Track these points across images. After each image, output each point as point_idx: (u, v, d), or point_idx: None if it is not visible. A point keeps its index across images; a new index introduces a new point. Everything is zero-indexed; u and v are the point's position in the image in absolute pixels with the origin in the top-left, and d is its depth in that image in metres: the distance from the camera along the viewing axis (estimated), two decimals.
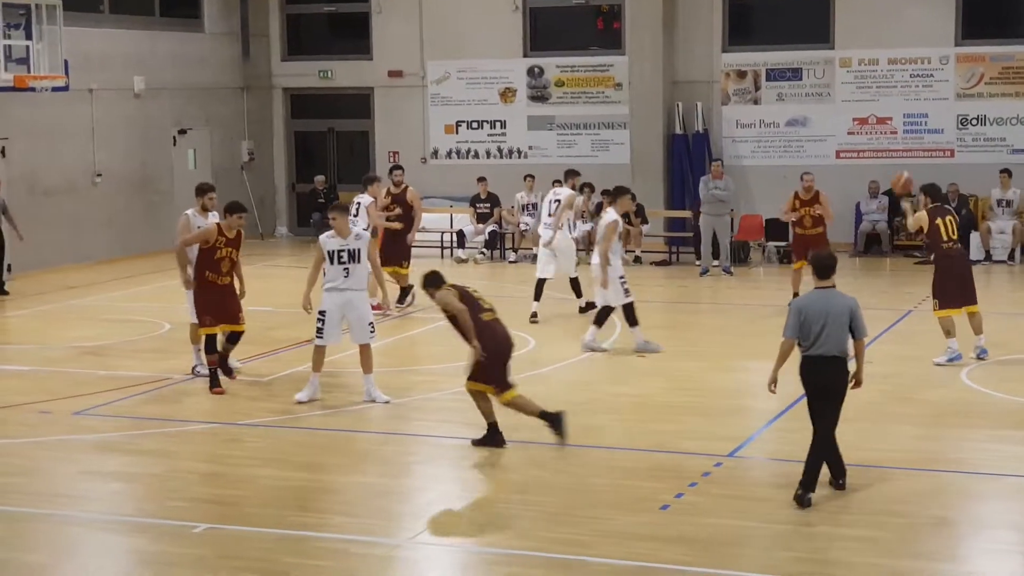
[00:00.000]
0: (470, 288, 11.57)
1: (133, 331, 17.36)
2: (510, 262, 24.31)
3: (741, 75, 25.37)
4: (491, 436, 11.48)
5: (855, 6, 24.63)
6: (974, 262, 21.99)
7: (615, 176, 23.46)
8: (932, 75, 24.34)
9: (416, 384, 13.74)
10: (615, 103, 26.04)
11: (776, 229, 23.66)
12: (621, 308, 15.58)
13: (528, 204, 24.80)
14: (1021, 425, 12.21)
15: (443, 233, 25.29)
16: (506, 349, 11.41)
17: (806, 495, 9.74)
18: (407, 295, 18.71)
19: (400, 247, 18.48)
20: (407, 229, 18.75)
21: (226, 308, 13.69)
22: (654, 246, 24.21)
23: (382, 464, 11.32)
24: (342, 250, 13.14)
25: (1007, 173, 23.28)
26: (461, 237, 24.97)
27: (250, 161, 27.96)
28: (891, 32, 24.43)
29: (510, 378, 11.37)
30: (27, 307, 19.63)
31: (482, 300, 11.51)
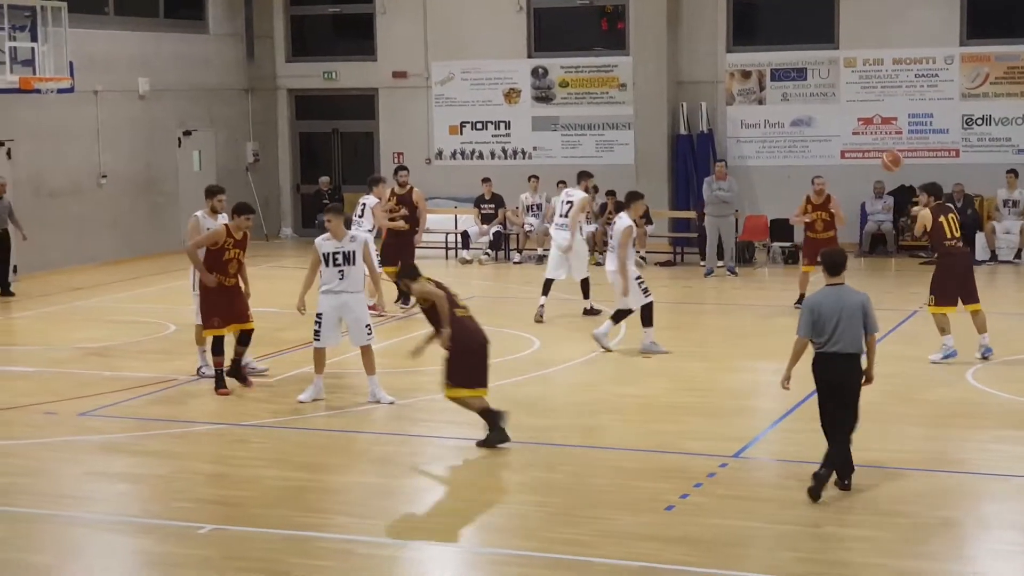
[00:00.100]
0: (444, 283, 11.73)
1: (138, 332, 17.36)
2: (514, 263, 24.30)
3: (745, 75, 25.36)
4: (494, 432, 11.51)
5: (860, 6, 24.60)
6: (979, 262, 22.04)
7: (619, 177, 23.49)
8: (937, 75, 24.31)
9: (420, 385, 13.73)
10: (619, 104, 26.03)
11: (781, 230, 23.64)
12: (639, 309, 15.52)
13: (532, 205, 24.80)
14: None
15: (447, 234, 25.29)
16: (478, 347, 11.46)
17: (819, 490, 9.80)
18: (410, 296, 18.67)
19: (404, 247, 18.43)
20: (413, 230, 18.73)
21: (234, 308, 13.69)
22: (658, 247, 24.19)
23: (387, 465, 11.32)
24: (337, 252, 13.14)
25: (1014, 173, 23.25)
26: (465, 238, 24.96)
27: (255, 162, 27.98)
28: (896, 32, 24.40)
29: (486, 380, 11.47)
30: (32, 308, 19.65)
31: (457, 297, 11.65)
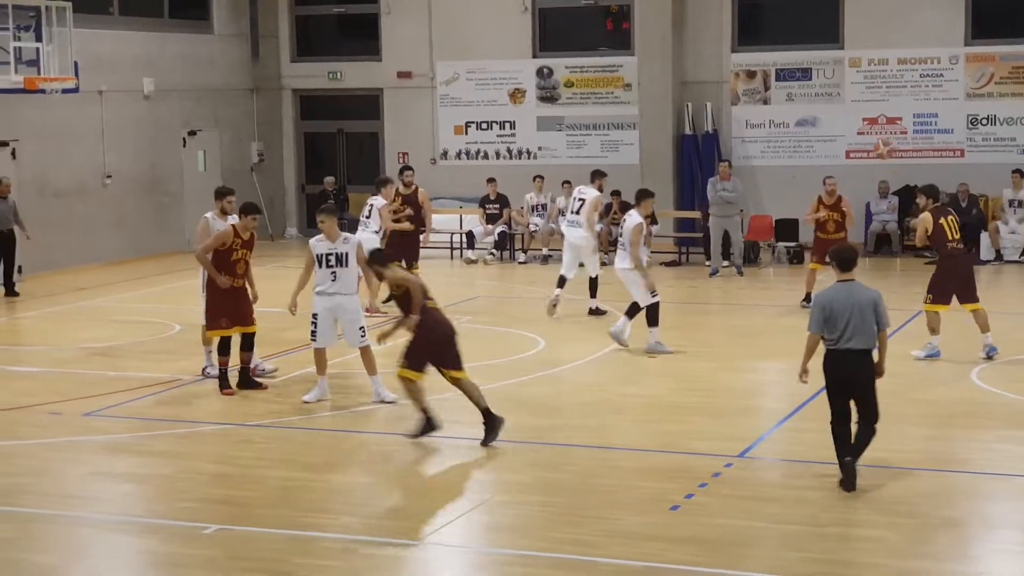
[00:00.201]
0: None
1: (143, 332, 17.37)
2: (520, 263, 24.29)
3: (751, 75, 25.34)
4: (489, 424, 11.58)
5: (865, 6, 24.58)
6: (984, 262, 22.02)
7: (625, 177, 23.45)
8: (942, 75, 24.28)
9: (425, 385, 13.71)
10: (624, 104, 26.02)
11: (785, 229, 23.63)
12: (644, 307, 15.52)
13: (537, 205, 24.80)
14: None
15: (452, 234, 25.27)
16: (442, 336, 11.63)
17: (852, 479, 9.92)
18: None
19: (408, 248, 18.41)
20: (418, 230, 18.73)
21: (240, 310, 13.70)
22: (664, 246, 24.18)
23: (391, 465, 11.33)
24: (330, 253, 13.14)
25: (1019, 173, 23.19)
26: (471, 238, 24.95)
27: (260, 162, 27.99)
28: (901, 32, 24.37)
29: (461, 363, 11.66)
30: (37, 308, 19.66)
31: (427, 289, 11.85)
